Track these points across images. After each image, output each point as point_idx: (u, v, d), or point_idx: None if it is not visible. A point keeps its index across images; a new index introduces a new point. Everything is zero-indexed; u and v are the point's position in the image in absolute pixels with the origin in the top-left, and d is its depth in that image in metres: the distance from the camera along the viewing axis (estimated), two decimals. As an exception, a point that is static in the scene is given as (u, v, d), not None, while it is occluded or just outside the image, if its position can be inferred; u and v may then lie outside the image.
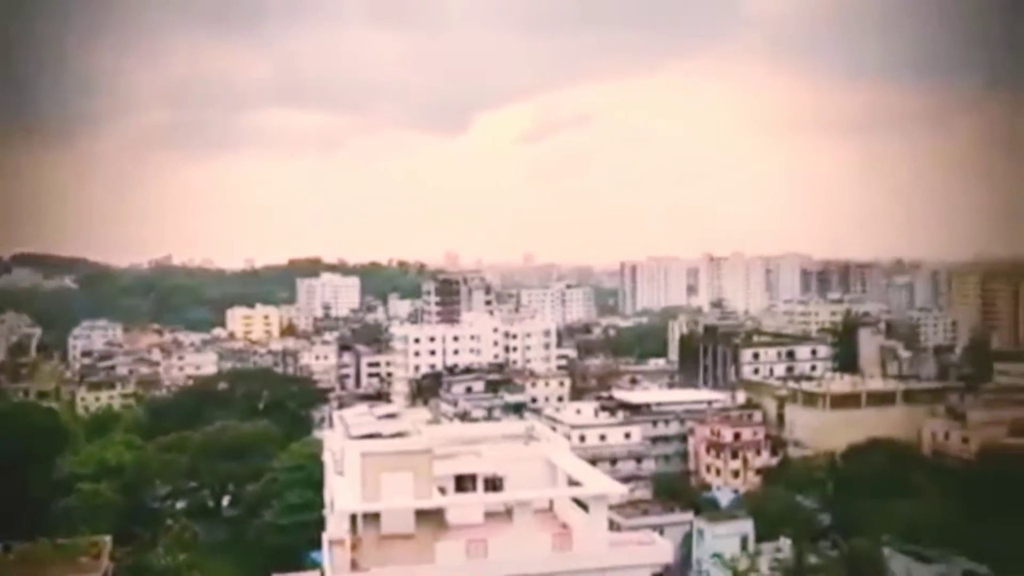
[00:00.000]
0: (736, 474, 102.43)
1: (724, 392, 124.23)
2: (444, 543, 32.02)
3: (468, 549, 31.75)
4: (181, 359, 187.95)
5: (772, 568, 60.53)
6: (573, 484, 35.78)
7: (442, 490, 34.71)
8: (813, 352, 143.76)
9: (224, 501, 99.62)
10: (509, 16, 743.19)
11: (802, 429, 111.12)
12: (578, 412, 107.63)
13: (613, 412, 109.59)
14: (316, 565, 44.03)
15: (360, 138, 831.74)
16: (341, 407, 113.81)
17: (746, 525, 72.27)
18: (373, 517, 31.76)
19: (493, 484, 36.24)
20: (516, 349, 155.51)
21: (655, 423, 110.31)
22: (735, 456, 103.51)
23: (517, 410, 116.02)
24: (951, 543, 62.38)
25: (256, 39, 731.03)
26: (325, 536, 37.05)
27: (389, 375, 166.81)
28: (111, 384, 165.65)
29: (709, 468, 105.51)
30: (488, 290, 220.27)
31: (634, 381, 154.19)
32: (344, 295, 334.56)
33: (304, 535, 65.01)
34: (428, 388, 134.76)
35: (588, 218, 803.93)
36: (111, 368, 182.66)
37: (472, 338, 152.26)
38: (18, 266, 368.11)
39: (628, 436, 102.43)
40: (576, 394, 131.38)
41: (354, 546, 32.02)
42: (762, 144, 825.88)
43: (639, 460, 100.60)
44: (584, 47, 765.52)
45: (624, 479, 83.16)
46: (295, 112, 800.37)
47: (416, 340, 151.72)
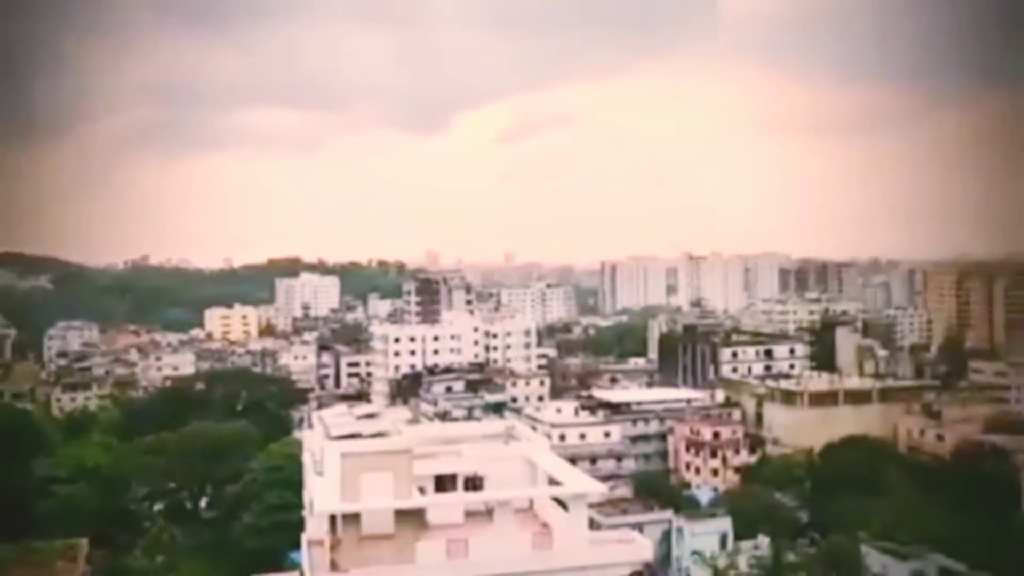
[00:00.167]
0: (715, 472, 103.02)
1: (703, 391, 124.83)
2: (424, 543, 32.00)
3: (448, 549, 31.76)
4: (158, 360, 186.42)
5: (751, 566, 60.91)
6: (553, 483, 35.85)
7: (422, 490, 34.68)
8: (791, 351, 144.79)
9: (202, 503, 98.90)
10: (489, 15, 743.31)
11: (780, 427, 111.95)
12: (558, 411, 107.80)
13: (593, 411, 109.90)
14: (295, 566, 43.82)
15: (340, 137, 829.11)
16: (320, 407, 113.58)
17: (725, 523, 72.70)
18: (353, 517, 31.69)
19: (473, 484, 36.25)
20: (496, 349, 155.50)
21: (635, 422, 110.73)
22: (714, 454, 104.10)
23: (497, 410, 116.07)
24: (927, 539, 63.00)
25: (235, 38, 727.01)
26: (304, 537, 36.92)
27: (369, 375, 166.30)
28: (87, 385, 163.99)
29: (688, 466, 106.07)
30: (468, 290, 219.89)
31: (614, 380, 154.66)
32: (323, 295, 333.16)
33: (283, 536, 64.61)
34: (408, 388, 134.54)
35: (568, 218, 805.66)
36: (87, 369, 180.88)
37: (452, 338, 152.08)
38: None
39: (608, 435, 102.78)
40: (556, 393, 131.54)
41: (333, 547, 31.92)
42: (741, 144, 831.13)
43: (619, 459, 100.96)
44: (564, 47, 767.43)
45: (604, 478, 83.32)
46: (274, 111, 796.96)
47: (396, 340, 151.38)
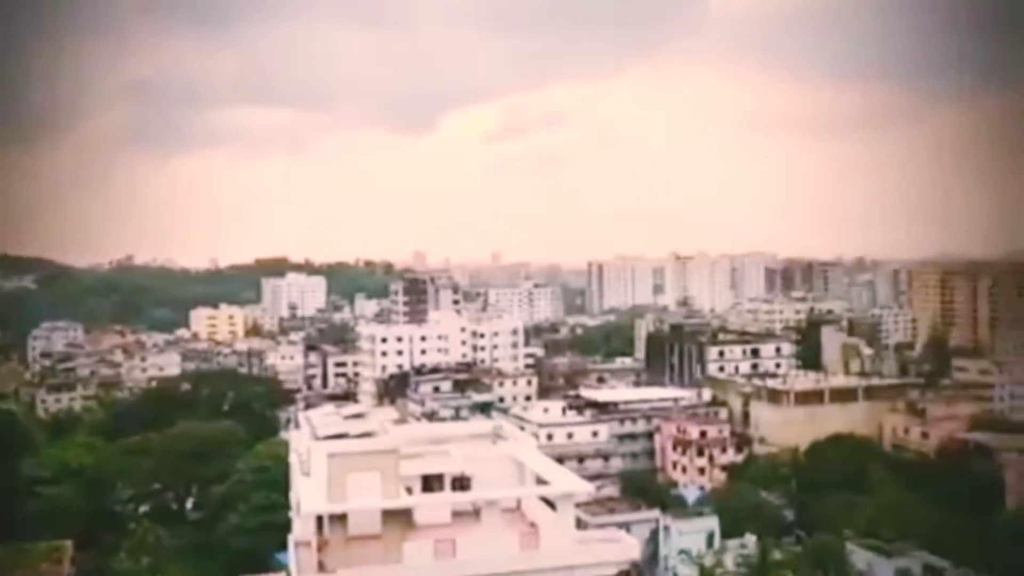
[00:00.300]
0: (702, 471, 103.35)
1: (690, 390, 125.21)
2: (411, 543, 31.96)
3: (436, 549, 31.73)
4: (144, 360, 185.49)
5: (737, 564, 61.05)
6: (540, 483, 35.87)
7: (409, 490, 34.64)
8: (777, 350, 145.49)
9: (188, 504, 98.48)
10: (477, 15, 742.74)
11: (767, 426, 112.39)
12: (545, 411, 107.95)
13: (580, 411, 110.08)
14: (282, 567, 43.70)
15: (327, 137, 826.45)
16: (307, 408, 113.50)
17: (712, 522, 72.92)
18: (340, 518, 31.62)
19: (460, 484, 36.20)
20: (484, 348, 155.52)
21: (622, 421, 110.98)
22: (701, 453, 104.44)
23: (484, 409, 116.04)
24: (912, 537, 63.42)
25: (220, 36, 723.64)
26: (291, 538, 36.82)
27: (356, 375, 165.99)
28: (72, 386, 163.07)
29: (675, 465, 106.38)
30: (455, 289, 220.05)
31: (601, 380, 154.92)
32: (310, 295, 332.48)
33: (270, 537, 64.38)
34: (395, 388, 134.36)
35: (556, 217, 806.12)
36: (72, 370, 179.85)
37: (439, 337, 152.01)
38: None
39: (595, 434, 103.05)
40: (543, 393, 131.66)
41: (320, 547, 31.84)
42: (728, 144, 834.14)
43: (606, 458, 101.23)
44: (552, 46, 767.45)
45: (591, 477, 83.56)
46: (260, 110, 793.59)
47: (383, 340, 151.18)
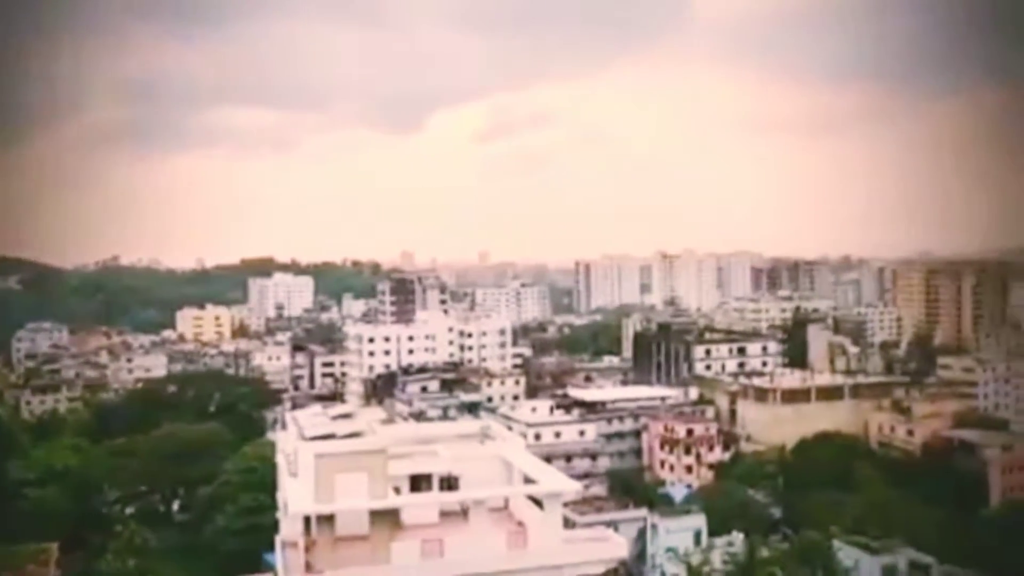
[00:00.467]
0: (689, 469, 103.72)
1: (677, 389, 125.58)
2: (399, 543, 31.96)
3: (423, 549, 31.73)
4: (130, 361, 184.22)
5: (725, 562, 61.12)
6: (528, 482, 35.92)
7: (397, 490, 34.61)
8: (764, 348, 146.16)
9: (175, 505, 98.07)
10: (465, 15, 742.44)
11: (753, 424, 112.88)
12: (533, 410, 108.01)
13: (568, 410, 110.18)
14: (270, 568, 43.58)
15: (314, 136, 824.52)
16: (295, 408, 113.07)
17: (699, 520, 73.07)
18: (327, 519, 31.59)
19: (448, 483, 36.21)
20: (471, 348, 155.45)
21: (609, 420, 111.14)
22: (688, 452, 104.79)
23: (472, 409, 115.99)
24: (898, 534, 63.81)
25: (206, 36, 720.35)
26: (278, 538, 36.74)
27: (343, 375, 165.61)
28: (57, 387, 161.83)
29: (663, 464, 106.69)
30: (443, 289, 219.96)
31: (588, 379, 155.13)
32: (297, 295, 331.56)
33: (257, 538, 64.20)
34: (383, 388, 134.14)
35: (543, 217, 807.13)
36: (57, 371, 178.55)
37: (427, 337, 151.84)
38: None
39: (583, 433, 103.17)
40: (531, 392, 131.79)
41: (308, 548, 31.78)
42: (715, 143, 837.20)
43: (594, 457, 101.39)
44: (539, 46, 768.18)
45: (579, 476, 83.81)
46: (247, 110, 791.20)
47: (371, 340, 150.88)
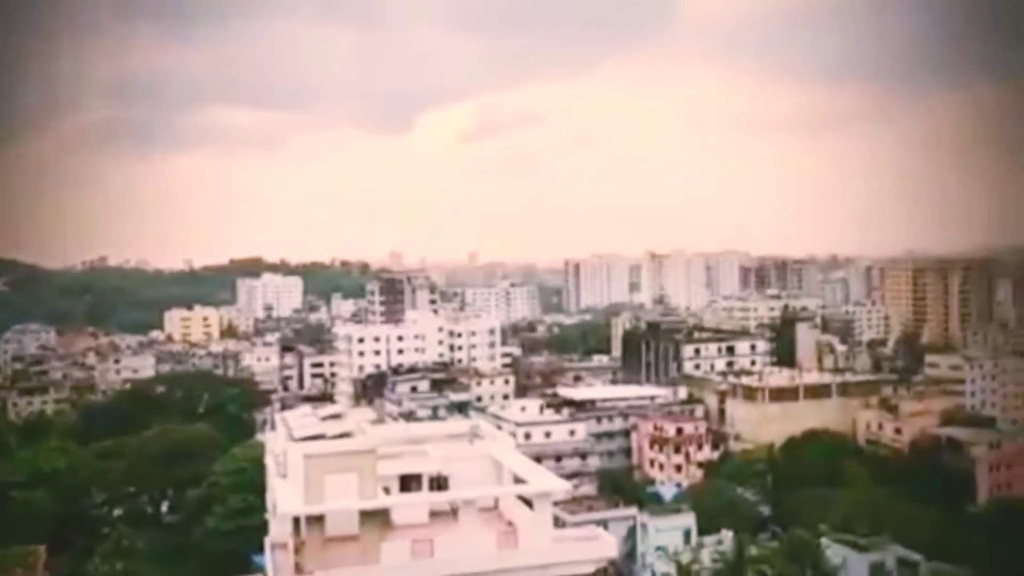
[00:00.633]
0: (679, 468, 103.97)
1: (666, 388, 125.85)
2: (389, 543, 31.90)
3: (413, 549, 31.68)
4: (117, 362, 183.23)
5: (714, 560, 61.35)
6: (518, 482, 35.92)
7: (387, 490, 34.57)
8: (752, 347, 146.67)
9: (164, 507, 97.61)
10: (453, 15, 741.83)
11: (742, 423, 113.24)
12: (523, 410, 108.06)
13: (558, 409, 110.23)
14: (260, 569, 43.47)
15: (302, 136, 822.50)
16: (284, 409, 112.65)
17: (689, 518, 73.26)
18: (317, 519, 31.51)
19: (438, 483, 36.19)
20: (461, 348, 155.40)
21: (599, 419, 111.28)
22: (677, 450, 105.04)
23: (462, 409, 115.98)
24: (886, 531, 64.12)
25: (194, 36, 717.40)
26: (268, 540, 36.64)
27: (333, 376, 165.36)
28: (44, 389, 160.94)
29: (652, 463, 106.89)
30: (432, 289, 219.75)
31: (578, 378, 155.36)
32: (286, 295, 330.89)
33: (247, 540, 64.01)
34: (372, 388, 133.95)
35: (532, 217, 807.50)
36: (44, 373, 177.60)
37: (416, 337, 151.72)
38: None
39: (573, 433, 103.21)
40: (521, 392, 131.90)
41: (297, 549, 31.70)
42: (702, 143, 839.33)
43: (584, 456, 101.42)
44: (529, 46, 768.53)
45: (569, 476, 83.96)
46: (235, 110, 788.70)
47: (360, 340, 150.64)
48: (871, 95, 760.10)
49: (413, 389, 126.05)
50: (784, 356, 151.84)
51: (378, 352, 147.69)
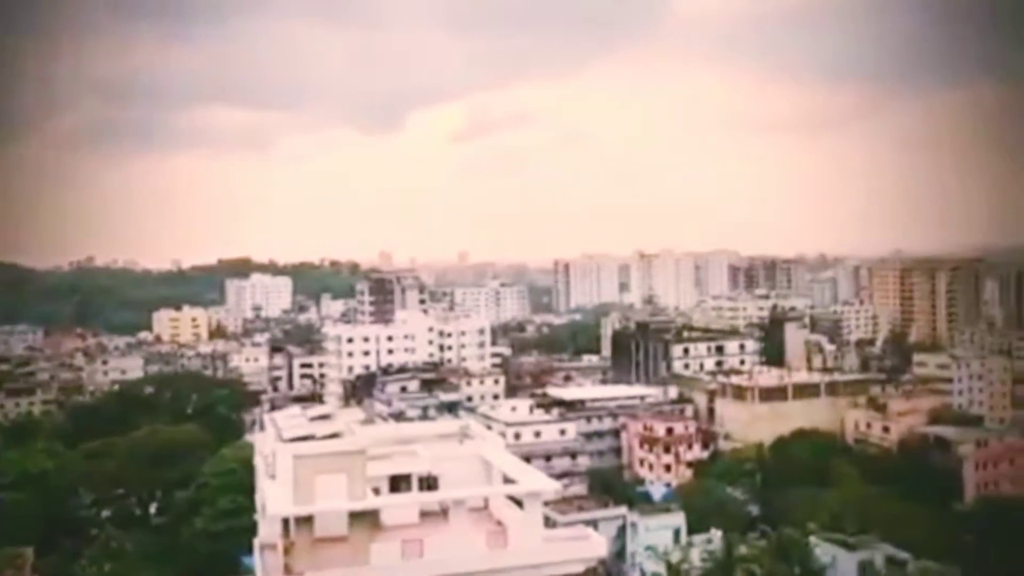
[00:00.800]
0: (668, 468, 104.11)
1: (656, 387, 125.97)
2: (379, 544, 31.85)
3: (403, 549, 31.64)
4: (105, 363, 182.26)
5: (703, 559, 61.49)
6: (508, 482, 35.93)
7: (376, 491, 34.53)
8: (741, 347, 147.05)
9: (152, 508, 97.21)
10: (443, 15, 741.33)
11: (732, 422, 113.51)
12: (513, 410, 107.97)
13: (548, 409, 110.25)
14: (249, 570, 43.38)
15: (292, 136, 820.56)
16: (273, 409, 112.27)
17: (678, 518, 73.45)
18: (306, 520, 31.44)
19: (428, 484, 36.18)
20: (451, 348, 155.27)
21: (589, 419, 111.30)
22: (667, 450, 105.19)
23: (452, 409, 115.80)
24: (874, 529, 64.40)
25: (183, 35, 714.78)
26: (257, 541, 36.55)
27: (322, 376, 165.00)
28: (31, 390, 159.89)
29: (642, 462, 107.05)
30: (422, 289, 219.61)
31: (568, 378, 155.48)
32: (275, 296, 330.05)
33: (236, 541, 63.87)
34: (362, 388, 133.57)
35: (522, 216, 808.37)
36: (31, 374, 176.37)
37: (406, 337, 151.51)
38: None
39: (563, 433, 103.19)
40: (511, 392, 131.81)
41: (287, 550, 31.62)
42: (693, 143, 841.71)
43: (574, 456, 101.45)
44: (519, 46, 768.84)
45: (559, 475, 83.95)
46: (224, 110, 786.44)
47: (349, 340, 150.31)
48: (863, 95, 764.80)
49: (403, 389, 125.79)
50: (773, 356, 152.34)
51: (368, 352, 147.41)
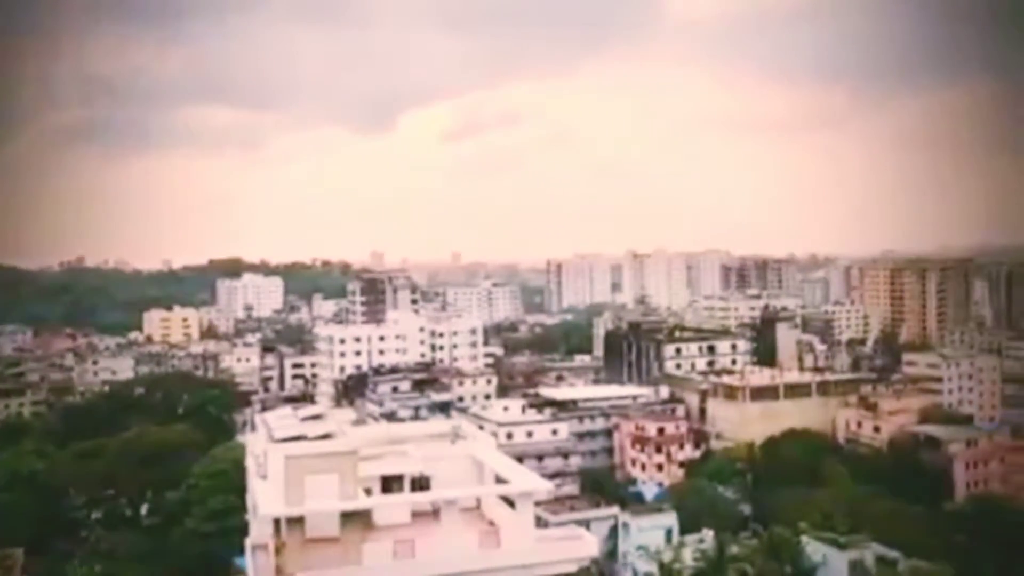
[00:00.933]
0: (660, 468, 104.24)
1: (648, 387, 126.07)
2: (371, 544, 31.83)
3: (395, 550, 31.63)
4: (95, 364, 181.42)
5: (695, 559, 61.50)
6: (500, 482, 35.95)
7: (368, 491, 34.49)
8: (733, 346, 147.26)
9: (143, 509, 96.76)
10: (436, 15, 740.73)
11: (723, 422, 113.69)
12: (505, 410, 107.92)
13: (540, 409, 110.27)
14: (241, 571, 43.27)
15: (283, 136, 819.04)
16: (264, 410, 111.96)
17: (670, 517, 73.50)
18: (297, 520, 31.42)
19: (420, 484, 36.16)
20: (443, 348, 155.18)
21: (581, 419, 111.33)
22: (659, 450, 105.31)
23: (444, 409, 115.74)
24: (865, 528, 64.56)
25: (174, 34, 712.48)
26: (248, 541, 36.48)
27: (314, 376, 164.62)
28: (21, 391, 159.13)
29: (634, 462, 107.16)
30: (414, 289, 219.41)
31: (560, 378, 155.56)
32: (266, 296, 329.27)
33: (227, 541, 63.67)
34: (354, 389, 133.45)
35: (514, 216, 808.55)
36: (21, 374, 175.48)
37: (398, 337, 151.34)
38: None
39: (555, 433, 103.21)
40: (503, 392, 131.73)
41: (278, 550, 31.57)
42: (684, 143, 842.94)
43: (566, 456, 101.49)
44: (511, 45, 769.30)
45: (551, 475, 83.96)
46: (215, 109, 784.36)
47: (341, 340, 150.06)
48: (855, 94, 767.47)
49: (395, 389, 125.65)
50: (765, 355, 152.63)
51: (359, 352, 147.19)
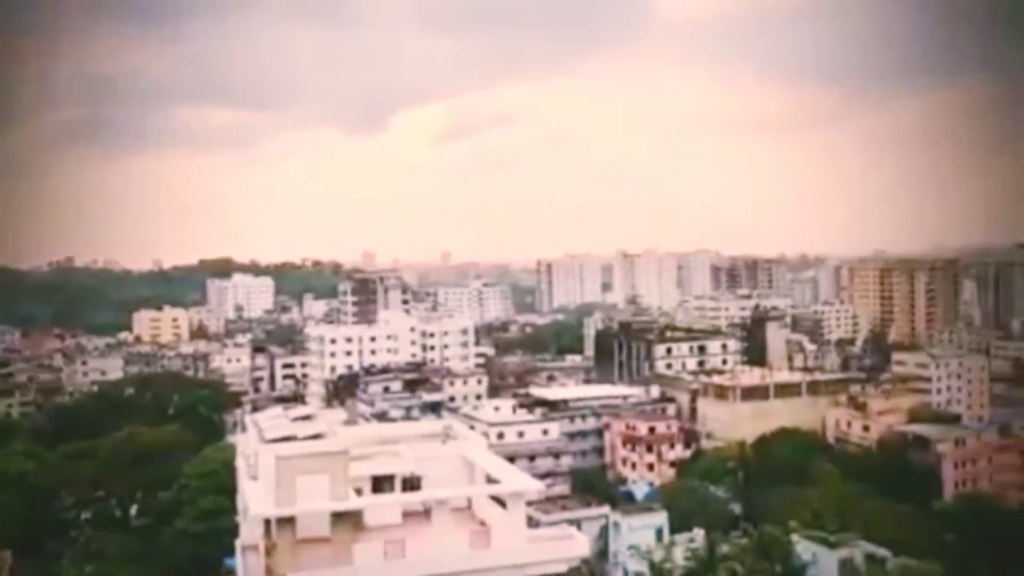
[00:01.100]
0: (651, 467, 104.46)
1: (639, 387, 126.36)
2: (361, 545, 31.81)
3: (386, 550, 31.61)
4: (85, 364, 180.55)
5: (686, 558, 61.68)
6: (491, 482, 35.98)
7: (359, 491, 34.46)
8: (723, 346, 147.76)
9: (133, 510, 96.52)
10: (427, 15, 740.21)
11: (714, 421, 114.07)
12: (496, 410, 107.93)
13: (531, 409, 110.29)
14: (231, 572, 43.20)
15: (274, 136, 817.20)
16: (255, 410, 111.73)
17: (661, 517, 73.63)
18: (288, 521, 31.35)
19: (411, 484, 36.16)
20: (434, 348, 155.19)
21: (572, 419, 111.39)
22: (650, 449, 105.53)
23: (435, 409, 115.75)
24: (854, 527, 64.86)
25: (166, 34, 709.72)
26: (239, 542, 36.41)
27: (305, 376, 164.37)
28: (10, 391, 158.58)
29: (625, 462, 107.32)
30: (405, 289, 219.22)
31: (551, 378, 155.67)
32: (257, 296, 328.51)
33: (217, 542, 63.55)
34: (345, 389, 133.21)
35: (505, 216, 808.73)
36: (9, 375, 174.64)
37: (389, 338, 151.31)
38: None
39: (546, 432, 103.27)
40: (494, 392, 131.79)
41: (268, 551, 31.52)
42: (675, 143, 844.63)
43: (557, 456, 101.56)
44: (503, 46, 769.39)
45: (542, 475, 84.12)
46: (207, 109, 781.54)
47: (332, 340, 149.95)
48: (848, 95, 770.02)
49: (386, 389, 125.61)
50: (755, 355, 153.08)
51: (350, 353, 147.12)
